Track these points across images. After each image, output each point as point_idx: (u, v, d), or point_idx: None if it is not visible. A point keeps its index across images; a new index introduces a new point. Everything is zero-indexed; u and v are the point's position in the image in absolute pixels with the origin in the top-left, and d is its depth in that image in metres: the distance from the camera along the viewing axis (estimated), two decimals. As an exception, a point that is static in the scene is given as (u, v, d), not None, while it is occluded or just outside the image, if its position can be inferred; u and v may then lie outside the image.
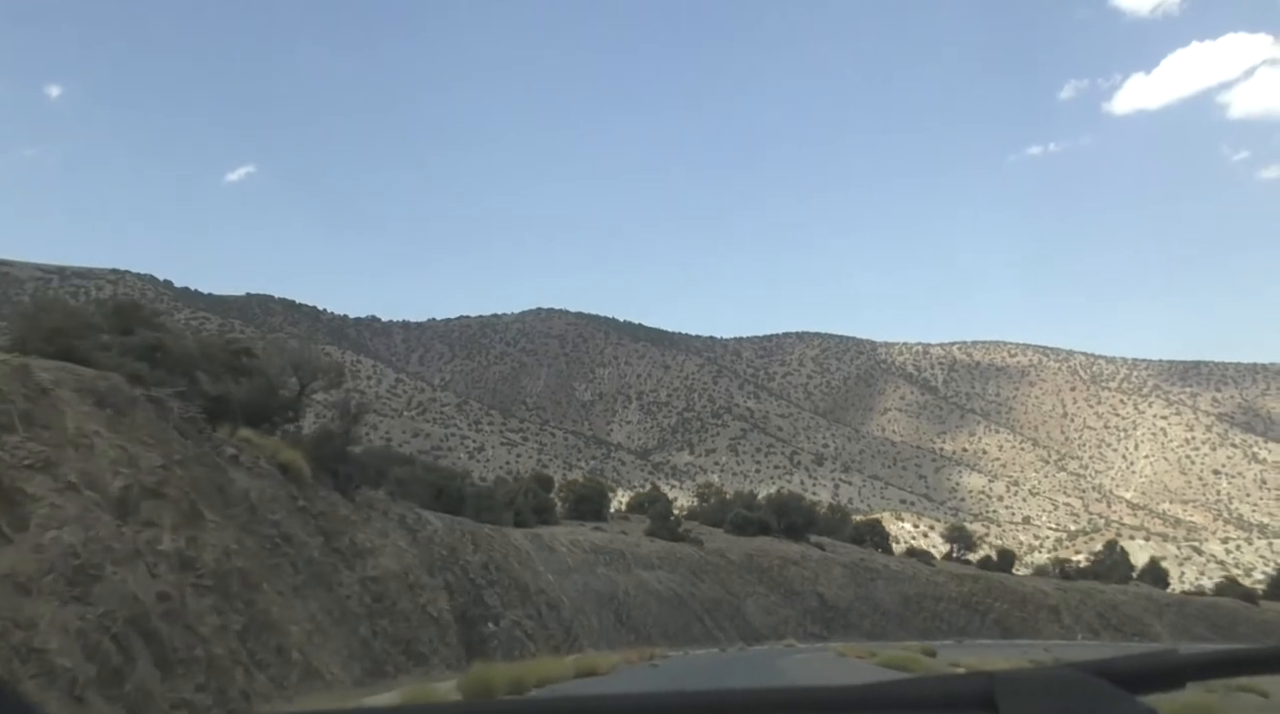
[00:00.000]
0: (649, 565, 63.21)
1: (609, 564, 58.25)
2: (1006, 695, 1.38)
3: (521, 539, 49.28)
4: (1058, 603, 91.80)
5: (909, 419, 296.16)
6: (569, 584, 50.79)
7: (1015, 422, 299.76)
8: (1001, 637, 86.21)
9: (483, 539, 41.04)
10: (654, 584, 61.21)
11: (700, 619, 63.81)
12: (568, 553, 54.14)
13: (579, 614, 49.33)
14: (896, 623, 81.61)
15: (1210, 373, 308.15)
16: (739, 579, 72.44)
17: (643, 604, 57.94)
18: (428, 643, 27.87)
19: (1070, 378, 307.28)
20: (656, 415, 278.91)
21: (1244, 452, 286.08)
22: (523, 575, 43.72)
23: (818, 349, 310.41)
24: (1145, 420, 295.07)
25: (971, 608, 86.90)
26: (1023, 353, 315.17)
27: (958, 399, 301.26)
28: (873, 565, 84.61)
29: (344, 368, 32.80)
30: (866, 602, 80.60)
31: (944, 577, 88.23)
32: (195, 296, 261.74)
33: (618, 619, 53.83)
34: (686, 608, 62.90)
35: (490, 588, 37.63)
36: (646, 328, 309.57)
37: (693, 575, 67.25)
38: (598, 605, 52.57)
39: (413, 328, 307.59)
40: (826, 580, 79.10)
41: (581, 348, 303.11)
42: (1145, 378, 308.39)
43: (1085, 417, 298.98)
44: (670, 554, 67.03)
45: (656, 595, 60.35)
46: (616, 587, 56.06)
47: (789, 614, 73.94)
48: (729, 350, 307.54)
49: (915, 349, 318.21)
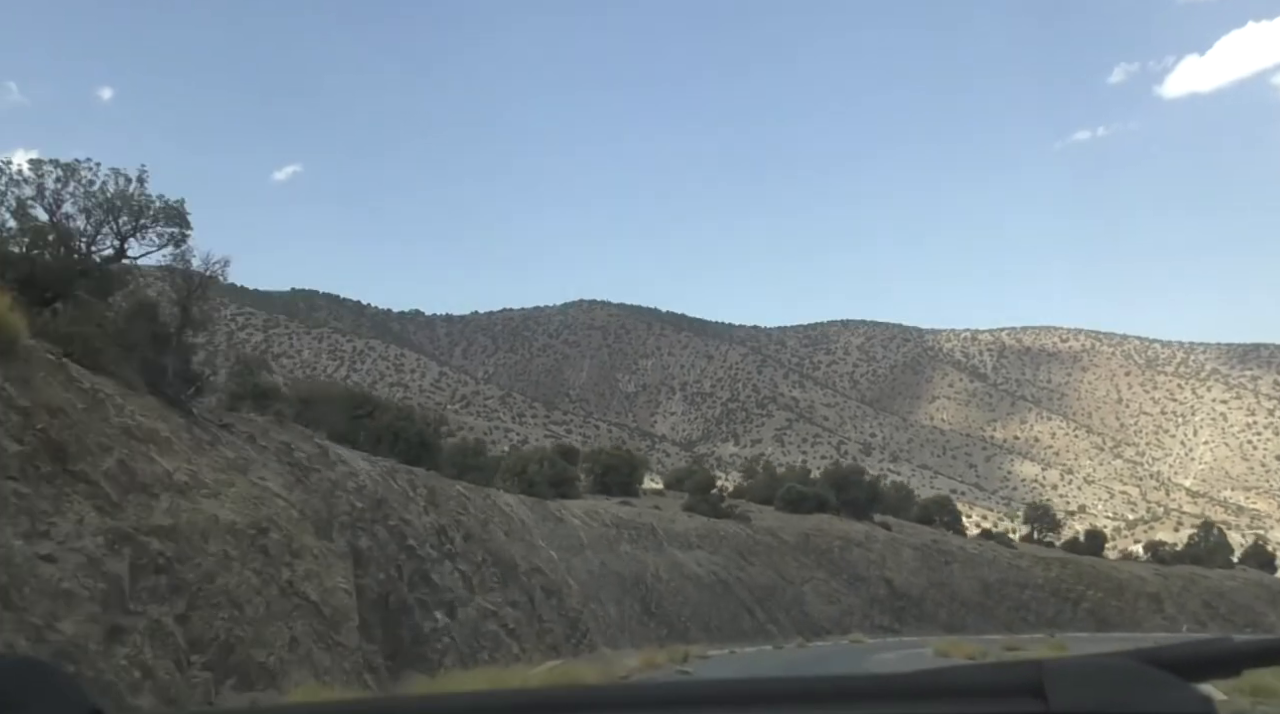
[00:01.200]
0: (686, 544, 50.37)
1: (635, 541, 45.48)
2: (1056, 683, 1.31)
3: (516, 504, 36.64)
4: (1158, 590, 77.63)
5: (958, 407, 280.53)
6: (580, 564, 38.11)
7: (1068, 408, 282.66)
8: (1097, 629, 72.30)
9: (446, 496, 28.60)
10: (692, 567, 48.41)
11: (749, 610, 50.87)
12: (581, 525, 41.48)
13: (591, 602, 36.64)
14: (977, 613, 68.07)
15: (1271, 355, 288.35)
16: (794, 562, 59.36)
17: (677, 591, 45.14)
18: (281, 645, 15.45)
19: (1125, 363, 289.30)
20: (700, 406, 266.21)
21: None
22: (509, 549, 31.18)
23: (863, 337, 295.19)
24: (1204, 405, 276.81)
25: (1061, 596, 73.09)
26: (1075, 338, 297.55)
27: (1008, 386, 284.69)
28: (946, 548, 71.12)
29: (185, 214, 20.37)
30: (941, 589, 67.16)
31: (1027, 560, 74.44)
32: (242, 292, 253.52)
33: (644, 609, 41.15)
34: (732, 596, 49.98)
35: (446, 563, 25.23)
36: (689, 318, 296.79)
37: (739, 557, 54.32)
38: (619, 591, 39.89)
39: (455, 321, 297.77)
40: (895, 564, 65.79)
41: (624, 339, 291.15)
42: (1203, 361, 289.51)
43: (1141, 402, 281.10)
44: (712, 532, 54.12)
45: (695, 580, 47.55)
46: (644, 569, 43.34)
47: (853, 603, 60.72)
48: (773, 339, 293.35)
49: (964, 335, 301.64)
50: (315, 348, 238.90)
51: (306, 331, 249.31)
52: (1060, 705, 1.28)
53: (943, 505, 79.31)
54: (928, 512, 78.28)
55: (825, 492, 68.49)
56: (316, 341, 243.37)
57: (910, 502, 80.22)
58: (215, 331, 26.47)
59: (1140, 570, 78.99)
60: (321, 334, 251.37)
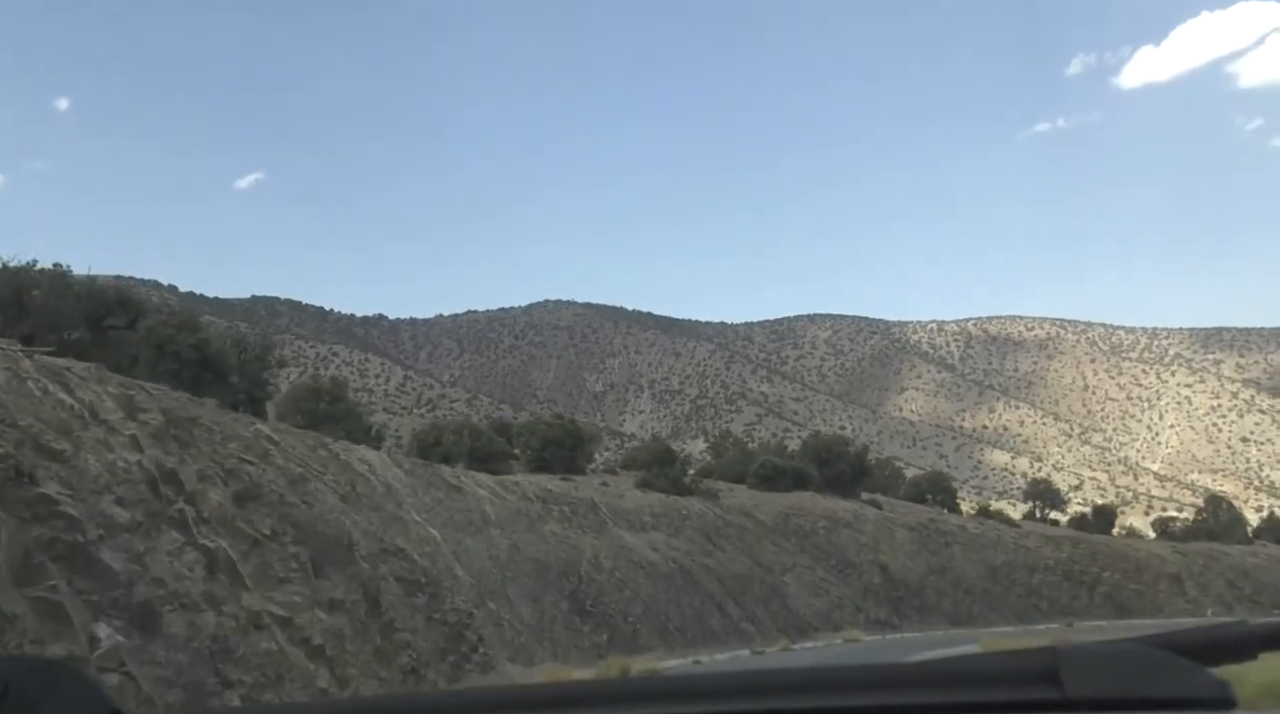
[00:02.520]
0: (638, 525, 38.52)
1: (569, 520, 33.55)
2: (1072, 670, 1.26)
3: (381, 463, 24.69)
4: (1179, 570, 66.54)
5: (927, 398, 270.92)
6: (478, 547, 26.15)
7: (1036, 396, 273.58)
8: (1116, 615, 61.17)
9: (210, 433, 16.87)
10: (645, 552, 36.58)
11: (719, 605, 39.05)
12: (489, 497, 29.52)
13: (492, 599, 24.69)
14: (984, 602, 56.67)
15: (1233, 339, 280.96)
16: (772, 547, 47.67)
17: (624, 583, 33.29)
18: None
19: (1090, 350, 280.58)
20: (669, 404, 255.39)
21: (1272, 417, 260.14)
22: (341, 522, 19.33)
23: (831, 330, 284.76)
24: (1169, 390, 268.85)
25: (1075, 579, 61.81)
26: (1040, 326, 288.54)
27: (976, 376, 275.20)
28: (945, 528, 59.68)
29: None
30: (943, 575, 55.68)
31: (1035, 540, 63.10)
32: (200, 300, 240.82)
33: (576, 607, 29.26)
34: (697, 588, 38.18)
35: (166, 534, 13.56)
36: (656, 316, 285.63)
37: (706, 541, 42.55)
38: (538, 585, 28.03)
39: (420, 325, 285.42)
40: (889, 547, 54.26)
41: (590, 338, 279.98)
42: (1167, 346, 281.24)
43: (1107, 388, 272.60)
44: (671, 511, 42.33)
45: (649, 569, 35.74)
46: (578, 555, 31.47)
47: (844, 594, 49.08)
48: (740, 335, 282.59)
49: (930, 327, 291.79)
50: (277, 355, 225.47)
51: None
52: (1076, 692, 1.24)
53: (935, 482, 67.93)
54: (919, 490, 66.89)
55: (805, 466, 56.95)
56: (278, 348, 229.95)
57: (898, 479, 68.91)
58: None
59: (1158, 549, 67.90)
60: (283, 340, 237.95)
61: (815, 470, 56.64)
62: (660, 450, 49.90)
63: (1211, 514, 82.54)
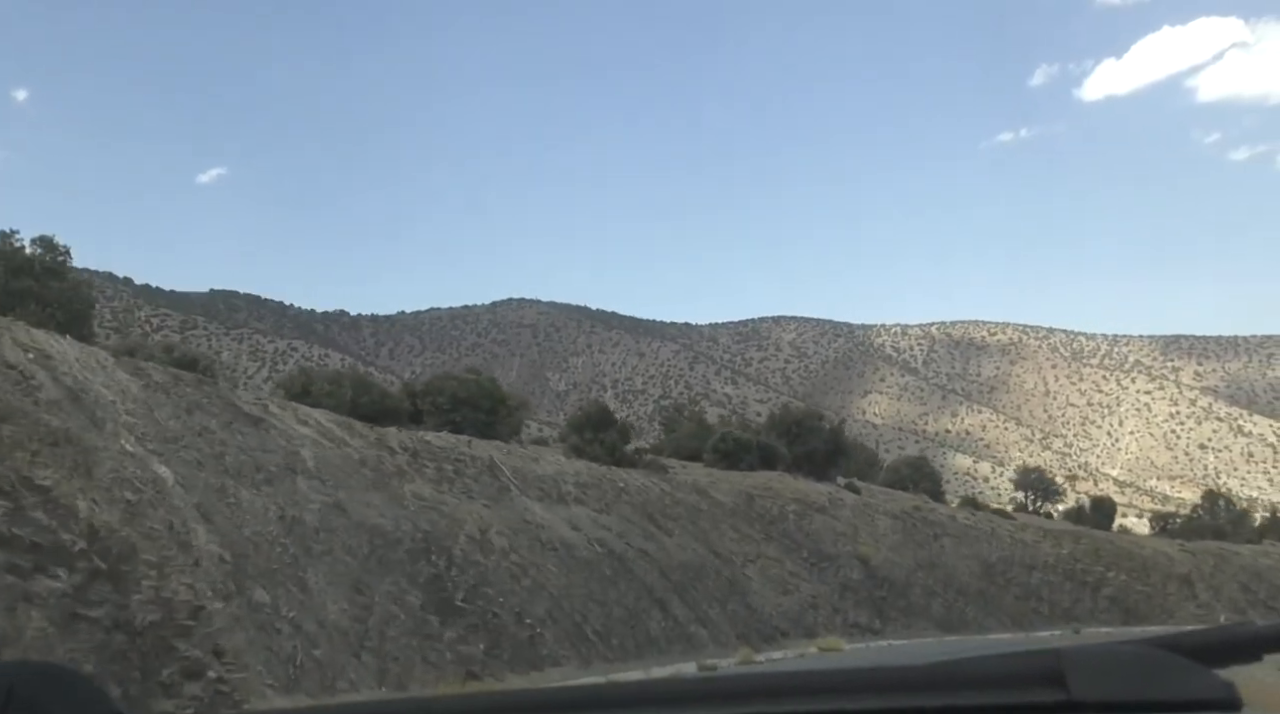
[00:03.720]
0: (554, 495, 28.26)
1: (445, 481, 23.17)
2: (1077, 672, 1.23)
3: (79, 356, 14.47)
4: (1189, 571, 57.10)
5: (890, 401, 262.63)
6: (260, 504, 15.86)
7: (998, 401, 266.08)
8: (1123, 621, 51.67)
9: None
10: (560, 530, 26.34)
11: (661, 602, 28.82)
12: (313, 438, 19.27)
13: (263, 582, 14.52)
14: (978, 604, 46.85)
15: (1192, 347, 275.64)
16: (731, 533, 37.56)
17: (524, 569, 22.96)
18: None
19: (1051, 356, 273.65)
20: (632, 404, 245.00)
21: (1230, 425, 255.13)
22: None
23: (795, 333, 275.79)
24: (1129, 396, 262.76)
25: (1077, 579, 52.14)
26: (1003, 331, 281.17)
27: (939, 379, 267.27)
28: (933, 518, 49.82)
29: None
30: (932, 572, 45.79)
31: (1032, 534, 53.38)
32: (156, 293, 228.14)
33: (435, 600, 18.97)
34: (631, 580, 27.93)
35: None
36: (620, 316, 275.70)
37: (648, 522, 32.38)
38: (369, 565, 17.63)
39: (382, 321, 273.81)
40: (870, 537, 44.33)
41: (554, 338, 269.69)
42: (1127, 353, 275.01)
43: (1068, 394, 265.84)
44: (604, 481, 32.09)
45: (565, 553, 25.51)
46: (450, 528, 21.10)
47: (817, 592, 38.98)
48: (705, 336, 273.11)
49: (894, 330, 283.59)
50: (235, 349, 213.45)
51: (225, 332, 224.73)
52: (1081, 694, 1.20)
53: (918, 468, 57.98)
54: (899, 476, 56.96)
55: (773, 442, 46.96)
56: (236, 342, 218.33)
57: (875, 464, 59.04)
58: None
59: (1165, 547, 58.45)
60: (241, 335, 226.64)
61: (784, 447, 46.66)
62: (596, 411, 39.67)
63: (1209, 511, 73.39)
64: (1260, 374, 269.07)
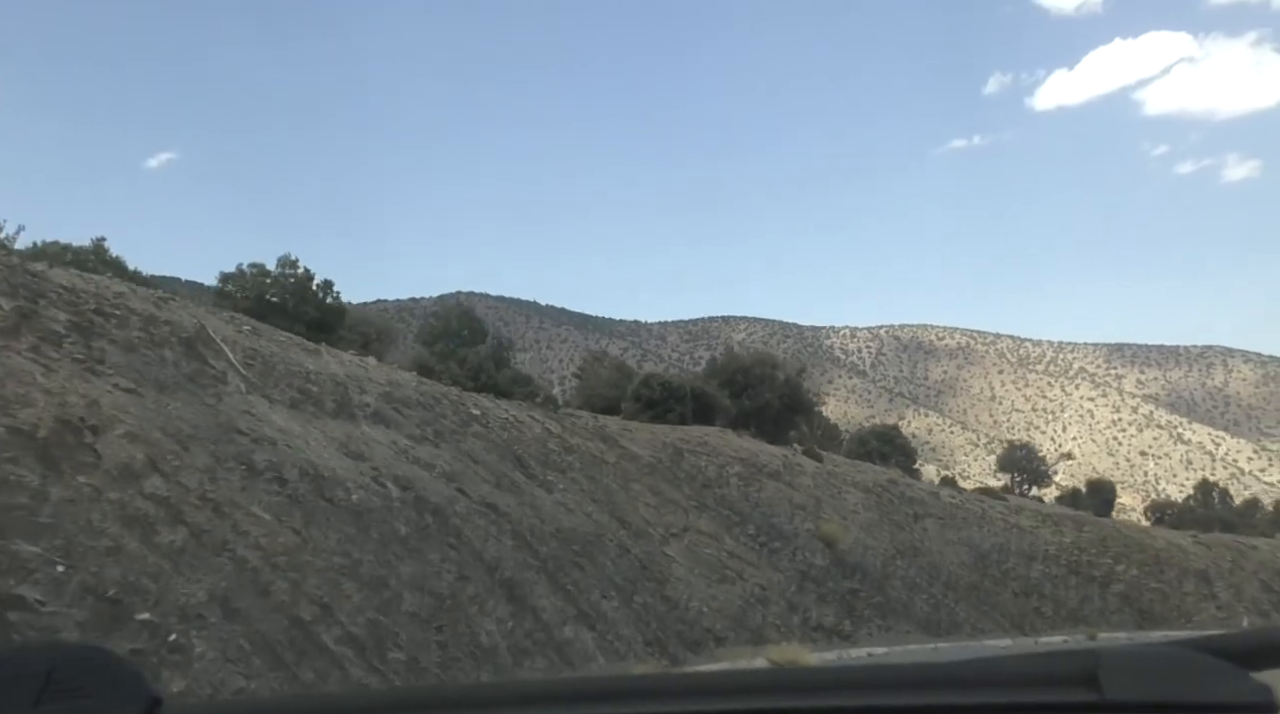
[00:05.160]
0: (332, 406, 16.30)
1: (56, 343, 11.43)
2: (1111, 673, 1.18)
3: None
4: (1205, 566, 46.25)
5: (838, 403, 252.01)
6: None
7: (945, 405, 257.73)
8: (1138, 624, 40.41)
9: None
10: (315, 456, 14.46)
11: (511, 587, 16.80)
12: None
13: None
14: (971, 601, 35.20)
15: (1135, 355, 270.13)
16: (648, 496, 25.60)
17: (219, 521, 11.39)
18: None
19: (998, 361, 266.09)
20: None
21: (1169, 433, 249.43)
22: None
23: (745, 333, 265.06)
24: (1073, 402, 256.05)
25: (1083, 574, 40.84)
26: (951, 336, 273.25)
27: (886, 382, 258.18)
28: (912, 494, 38.24)
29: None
30: (914, 559, 34.14)
31: (1029, 518, 42.07)
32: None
33: None
34: (460, 547, 16.06)
35: None
36: (570, 312, 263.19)
37: (515, 468, 20.52)
38: None
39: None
40: (837, 513, 32.62)
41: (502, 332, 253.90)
42: (1071, 360, 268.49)
43: (1014, 399, 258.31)
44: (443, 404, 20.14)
45: (307, 491, 13.75)
46: None
47: (768, 581, 27.12)
48: (654, 334, 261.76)
49: (844, 332, 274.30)
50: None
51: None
52: (1116, 695, 1.14)
53: (888, 439, 46.36)
54: (866, 448, 45.32)
55: (712, 389, 35.10)
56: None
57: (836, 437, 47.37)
58: None
59: (1178, 539, 47.54)
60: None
61: (727, 399, 34.81)
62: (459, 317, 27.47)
63: (1201, 502, 62.83)
64: (1200, 383, 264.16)
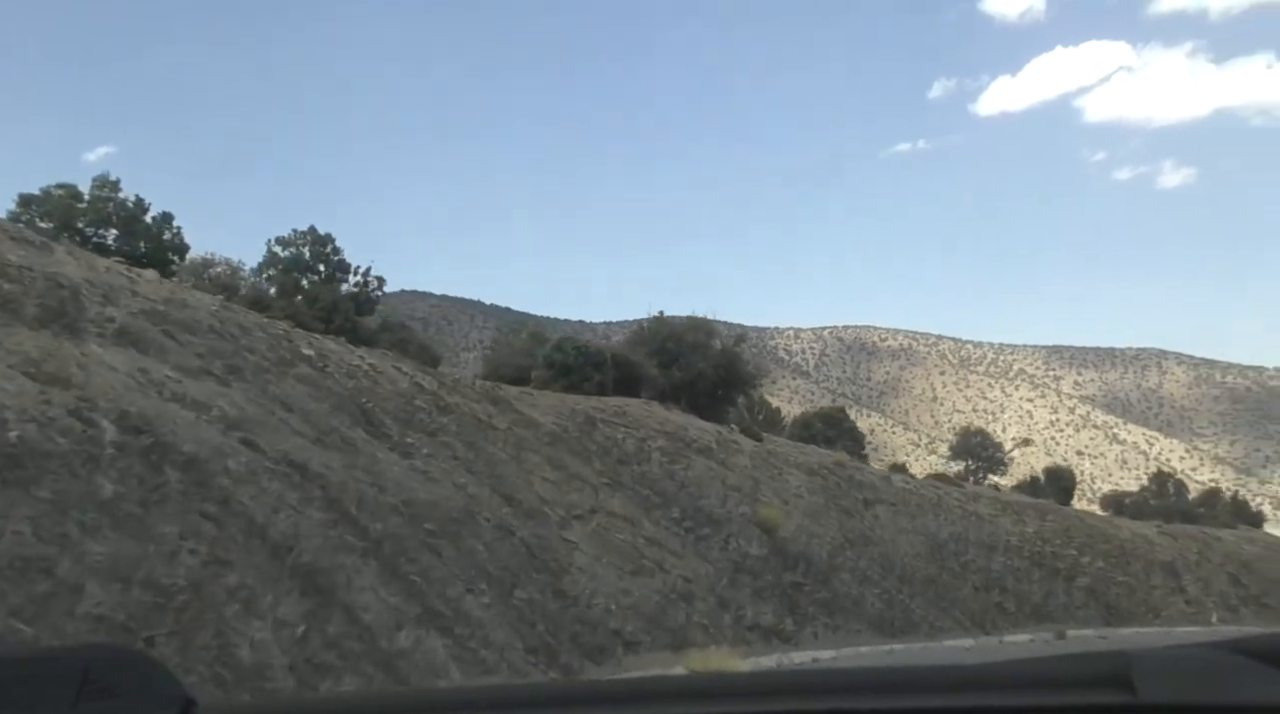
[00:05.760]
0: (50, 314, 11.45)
1: None
2: (1145, 675, 1.15)
3: None
4: (1172, 558, 42.57)
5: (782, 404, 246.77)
6: None
7: (887, 406, 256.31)
8: (1105, 620, 36.32)
9: None
10: None
11: (314, 576, 12.10)
12: None
13: None
14: (929, 596, 30.74)
15: (1073, 357, 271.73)
16: (547, 469, 20.79)
17: None
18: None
19: (940, 362, 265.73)
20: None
21: (1105, 433, 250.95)
22: None
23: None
24: (1012, 403, 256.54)
25: (1047, 566, 36.72)
26: (893, 337, 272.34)
27: (829, 383, 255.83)
28: (862, 478, 33.79)
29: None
30: (865, 550, 29.64)
31: (987, 505, 37.92)
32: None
33: None
34: (227, 518, 11.30)
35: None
36: (514, 311, 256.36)
37: (351, 424, 15.66)
38: None
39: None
40: (777, 496, 27.99)
41: (446, 331, 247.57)
42: (1011, 362, 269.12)
43: (955, 401, 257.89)
44: (253, 335, 15.24)
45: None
46: None
47: (694, 573, 22.44)
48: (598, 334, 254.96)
49: (788, 333, 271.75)
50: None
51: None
52: (1149, 697, 1.12)
53: (834, 422, 42.11)
54: (809, 431, 40.91)
55: (639, 361, 30.34)
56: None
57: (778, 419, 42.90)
58: None
59: (1142, 529, 43.83)
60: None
61: (654, 366, 30.06)
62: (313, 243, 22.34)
63: (1156, 494, 59.57)
64: (1135, 385, 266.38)
